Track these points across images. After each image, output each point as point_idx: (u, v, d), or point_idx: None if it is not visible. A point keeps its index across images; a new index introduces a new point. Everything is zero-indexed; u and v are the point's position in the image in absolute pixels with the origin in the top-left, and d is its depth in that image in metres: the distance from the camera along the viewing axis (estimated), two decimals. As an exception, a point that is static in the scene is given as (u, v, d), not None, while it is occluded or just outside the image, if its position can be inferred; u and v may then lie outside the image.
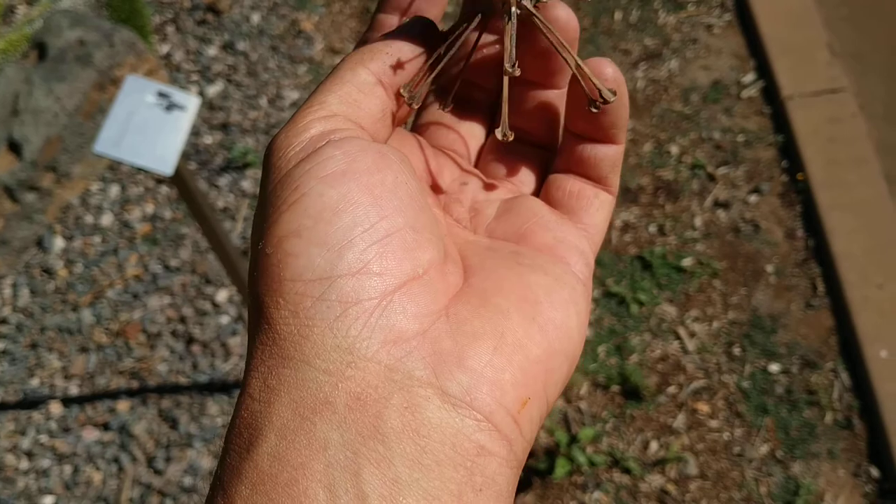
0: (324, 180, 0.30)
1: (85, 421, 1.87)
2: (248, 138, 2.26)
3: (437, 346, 0.29)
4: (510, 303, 0.31)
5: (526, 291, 0.32)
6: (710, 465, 1.72)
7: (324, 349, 0.28)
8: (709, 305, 1.91)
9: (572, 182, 0.38)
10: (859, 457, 1.71)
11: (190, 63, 2.44)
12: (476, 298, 0.31)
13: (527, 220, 0.36)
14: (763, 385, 1.80)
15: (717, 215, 2.04)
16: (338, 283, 0.28)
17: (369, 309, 0.28)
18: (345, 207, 0.29)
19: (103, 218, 2.15)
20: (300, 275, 0.28)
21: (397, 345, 0.28)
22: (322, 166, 0.30)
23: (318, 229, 0.29)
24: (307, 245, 0.29)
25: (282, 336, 0.28)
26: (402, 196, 0.31)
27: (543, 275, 0.33)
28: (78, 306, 2.02)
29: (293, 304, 0.28)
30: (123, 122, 1.31)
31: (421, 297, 0.29)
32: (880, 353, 1.77)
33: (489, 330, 0.30)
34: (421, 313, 0.29)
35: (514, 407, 0.29)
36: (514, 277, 0.32)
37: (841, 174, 2.03)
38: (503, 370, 0.29)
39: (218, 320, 1.97)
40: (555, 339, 0.31)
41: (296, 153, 0.31)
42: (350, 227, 0.29)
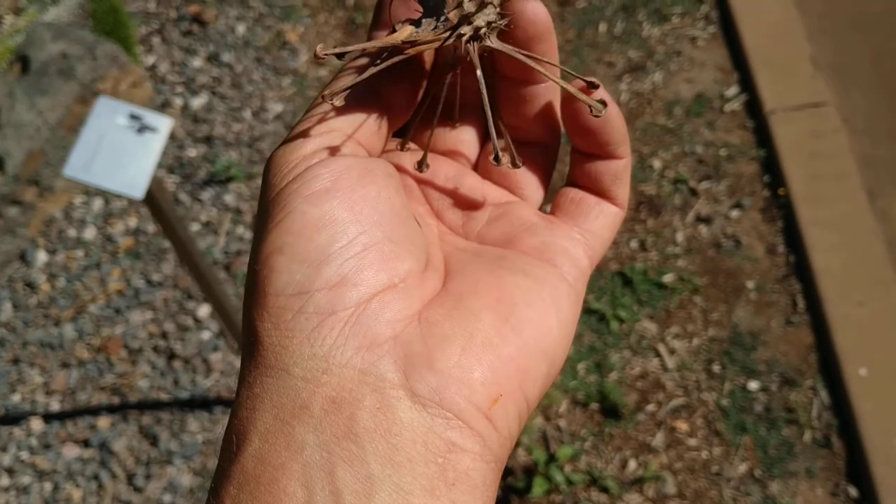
0: (307, 199, 0.31)
1: (65, 437, 1.86)
2: (232, 151, 2.25)
3: (407, 349, 0.30)
4: (483, 304, 0.32)
5: (502, 293, 0.33)
6: (689, 484, 1.71)
7: (301, 358, 0.29)
8: (689, 322, 1.91)
9: (575, 191, 0.39)
10: (838, 476, 1.71)
11: (175, 75, 2.44)
12: (450, 302, 0.32)
13: (516, 226, 0.37)
14: (742, 403, 1.80)
15: (699, 230, 2.04)
16: (315, 296, 0.30)
17: (344, 318, 0.30)
18: (325, 224, 0.31)
19: (86, 231, 2.15)
20: (282, 290, 0.30)
21: (370, 350, 0.30)
22: (307, 185, 0.32)
23: (299, 246, 0.31)
24: (288, 261, 0.31)
25: (265, 347, 0.30)
26: (383, 210, 0.32)
27: (523, 276, 0.34)
28: (60, 321, 2.02)
29: (275, 317, 0.30)
30: (94, 144, 1.30)
31: (395, 304, 0.31)
32: (860, 372, 1.77)
33: (458, 332, 0.31)
34: (394, 319, 0.31)
35: (485, 404, 0.30)
36: (492, 280, 0.34)
37: (822, 189, 2.03)
38: (471, 370, 0.30)
39: (199, 336, 1.97)
40: (530, 338, 0.32)
41: (289, 170, 0.33)
42: (329, 243, 0.31)
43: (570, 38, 2.41)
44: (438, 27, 0.35)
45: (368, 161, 0.34)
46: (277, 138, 2.27)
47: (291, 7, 2.54)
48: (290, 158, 0.33)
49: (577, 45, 2.40)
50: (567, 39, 2.41)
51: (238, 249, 2.09)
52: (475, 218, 0.38)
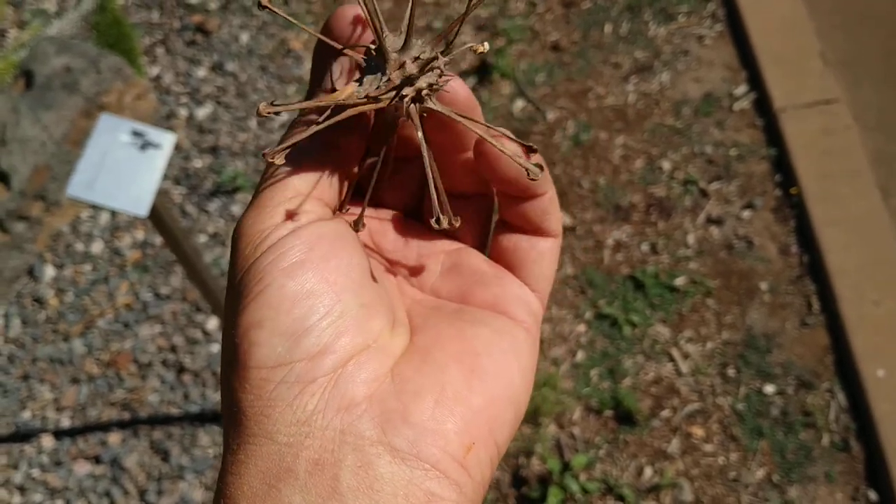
0: (284, 272, 0.32)
1: (76, 454, 1.86)
2: (238, 161, 2.24)
3: (383, 406, 0.31)
4: (449, 357, 0.34)
5: (465, 345, 0.35)
6: (706, 490, 1.69)
7: (284, 425, 0.30)
8: (702, 325, 1.89)
9: (508, 238, 0.40)
10: (857, 480, 1.68)
11: (179, 85, 2.43)
12: (418, 356, 0.34)
13: (468, 279, 0.39)
14: (758, 407, 1.77)
15: (710, 232, 2.02)
16: (296, 367, 0.31)
17: (323, 384, 0.31)
18: (302, 297, 0.32)
19: (93, 245, 2.14)
20: (263, 362, 0.31)
21: (349, 411, 0.31)
22: (282, 258, 0.33)
23: (278, 320, 0.32)
24: (269, 335, 0.31)
25: (247, 417, 0.31)
26: (354, 276, 0.33)
27: (483, 327, 0.36)
28: (69, 336, 2.01)
29: (257, 388, 0.31)
30: (97, 163, 1.29)
31: (369, 364, 0.32)
32: (877, 373, 1.74)
33: (430, 385, 0.32)
34: (369, 378, 0.32)
35: (460, 453, 0.31)
36: (455, 332, 0.35)
37: (835, 187, 2.00)
38: (445, 421, 0.32)
39: (209, 349, 1.96)
40: (495, 388, 0.34)
41: (261, 241, 0.33)
42: (307, 316, 0.32)
43: (576, 39, 2.39)
44: (381, 87, 0.35)
45: (336, 226, 0.35)
46: (283, 147, 2.26)
47: (295, 15, 2.53)
48: (260, 228, 0.34)
49: (582, 46, 2.38)
50: (573, 41, 2.39)
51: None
52: (428, 269, 0.40)
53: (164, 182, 2.20)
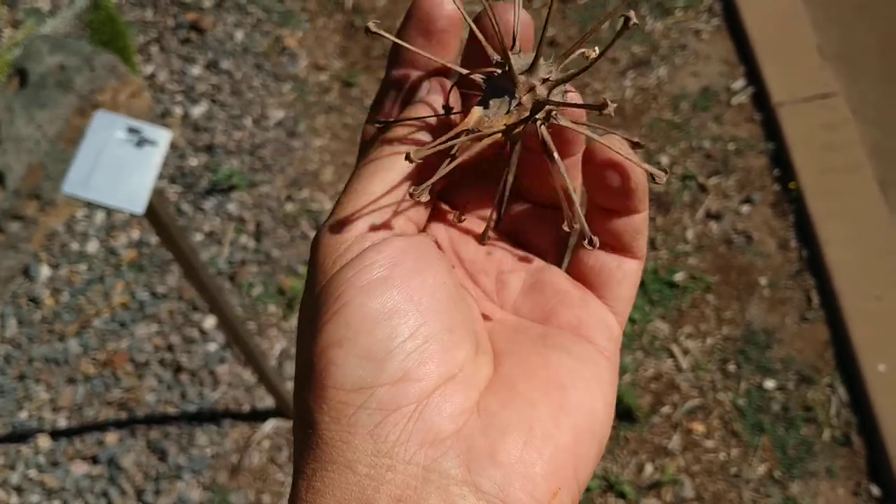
0: (364, 290, 0.31)
1: (73, 454, 1.84)
2: (234, 160, 2.23)
3: (469, 443, 0.30)
4: (537, 391, 0.32)
5: (552, 375, 0.33)
6: (707, 486, 1.68)
7: (365, 454, 0.29)
8: (702, 321, 1.88)
9: (594, 256, 0.38)
10: (859, 475, 1.68)
11: (174, 83, 2.42)
12: (505, 389, 0.32)
13: (551, 299, 0.37)
14: (759, 402, 1.77)
15: (709, 227, 2.01)
16: (378, 392, 0.30)
17: (407, 414, 0.30)
18: (385, 317, 0.31)
19: (89, 245, 2.12)
20: (342, 384, 0.30)
21: (434, 446, 0.29)
22: (363, 274, 0.31)
23: (359, 340, 0.30)
24: (347, 356, 0.30)
25: (325, 441, 0.30)
26: (440, 297, 0.32)
27: (568, 356, 0.34)
28: (65, 336, 2.00)
29: (335, 411, 0.30)
30: (93, 160, 1.28)
31: (455, 396, 0.31)
32: (878, 367, 1.74)
33: (518, 422, 0.31)
34: (455, 412, 0.30)
35: (546, 498, 0.30)
36: (540, 361, 0.34)
37: (834, 182, 1.99)
38: (534, 464, 0.30)
39: (206, 348, 1.95)
40: (582, 424, 0.32)
41: (340, 255, 0.32)
42: (390, 338, 0.30)
43: (573, 34, 2.38)
44: (511, 112, 0.34)
45: (421, 241, 0.34)
46: (279, 145, 2.25)
47: (290, 12, 2.52)
48: (340, 240, 0.33)
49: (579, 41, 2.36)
50: (569, 36, 2.38)
51: (242, 259, 2.06)
52: (509, 285, 0.38)
53: (160, 181, 2.19)
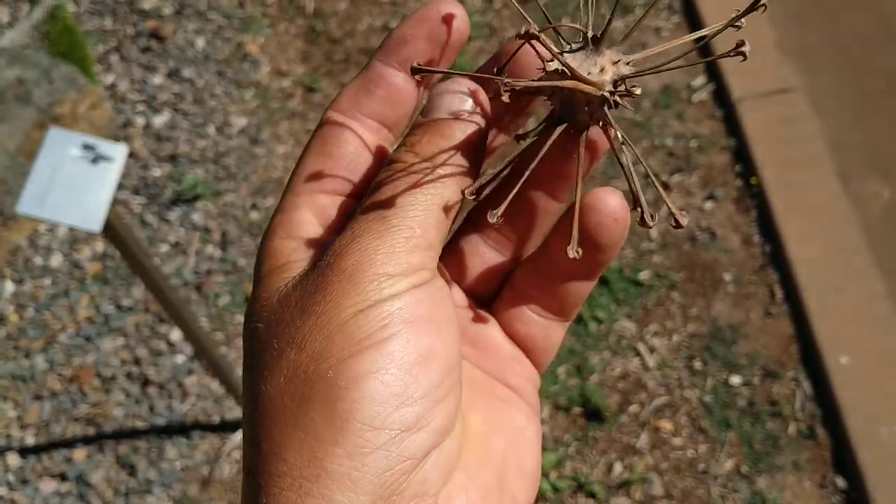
0: (411, 326, 0.30)
1: (42, 472, 1.83)
2: (198, 169, 2.21)
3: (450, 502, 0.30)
4: (504, 451, 0.33)
5: (512, 434, 0.34)
6: (676, 484, 1.70)
7: (369, 497, 0.28)
8: (668, 319, 1.89)
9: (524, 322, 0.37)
10: (824, 467, 1.69)
11: (135, 93, 2.40)
12: (478, 447, 0.33)
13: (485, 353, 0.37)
14: (725, 399, 1.78)
15: (673, 225, 2.02)
16: (401, 436, 0.29)
17: (413, 465, 0.29)
18: (426, 361, 0.30)
19: (53, 259, 2.10)
20: (371, 420, 0.28)
21: (423, 499, 0.29)
22: (412, 309, 0.30)
23: (401, 380, 0.29)
24: (389, 394, 0.29)
25: (330, 475, 0.28)
26: (456, 349, 0.32)
27: (518, 412, 0.36)
28: (30, 352, 1.98)
29: (353, 446, 0.28)
30: (47, 178, 1.27)
31: (447, 451, 0.31)
32: (841, 360, 1.76)
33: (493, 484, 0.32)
34: (445, 470, 0.30)
35: None
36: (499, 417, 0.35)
37: (795, 176, 2.01)
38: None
39: (173, 360, 1.93)
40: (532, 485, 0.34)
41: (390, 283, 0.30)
42: (428, 383, 0.30)
43: (534, 35, 2.38)
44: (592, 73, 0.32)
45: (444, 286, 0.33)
46: (243, 153, 2.24)
47: (250, 18, 2.50)
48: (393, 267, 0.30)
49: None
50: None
51: (208, 269, 2.05)
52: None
53: (123, 192, 2.17)
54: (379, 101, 0.34)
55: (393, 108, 0.34)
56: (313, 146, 0.34)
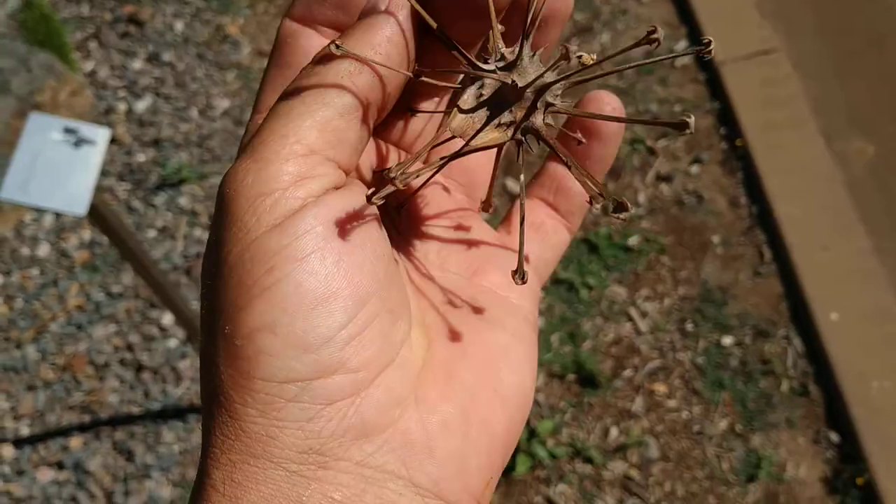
0: (302, 265, 0.27)
1: (38, 461, 1.82)
2: (182, 153, 2.20)
3: (406, 437, 0.28)
4: (473, 375, 0.31)
5: (487, 356, 0.32)
6: (672, 446, 1.71)
7: (295, 450, 0.27)
8: (658, 283, 1.90)
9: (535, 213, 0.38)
10: (818, 423, 1.71)
11: (116, 79, 2.38)
12: (442, 375, 0.31)
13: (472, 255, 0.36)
14: (717, 359, 1.79)
15: (660, 189, 2.02)
16: (313, 384, 0.27)
17: (342, 408, 0.27)
18: (324, 301, 0.27)
19: (40, 249, 2.09)
20: (274, 375, 0.27)
21: (369, 439, 0.28)
22: (298, 244, 0.27)
23: (295, 327, 0.27)
24: (284, 346, 0.27)
25: (248, 434, 0.27)
26: (380, 274, 0.29)
27: (502, 331, 0.33)
28: (21, 343, 1.97)
29: (263, 403, 0.27)
30: (29, 164, 1.26)
31: (393, 386, 0.29)
32: (831, 316, 1.77)
33: (456, 413, 0.30)
34: (392, 404, 0.29)
35: (479, 490, 0.30)
36: (476, 338, 0.33)
37: (779, 137, 2.01)
38: (469, 457, 0.30)
39: (166, 344, 1.93)
40: (514, 409, 0.32)
41: (266, 210, 0.27)
42: (329, 325, 0.27)
43: (515, 5, 2.37)
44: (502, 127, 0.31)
45: (356, 201, 0.29)
46: (227, 135, 2.22)
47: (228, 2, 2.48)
48: (264, 191, 0.28)
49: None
50: (511, 7, 2.37)
51: (197, 252, 2.04)
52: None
53: (108, 179, 2.16)
54: (331, 7, 0.31)
55: (346, 12, 0.32)
56: (272, 59, 0.32)
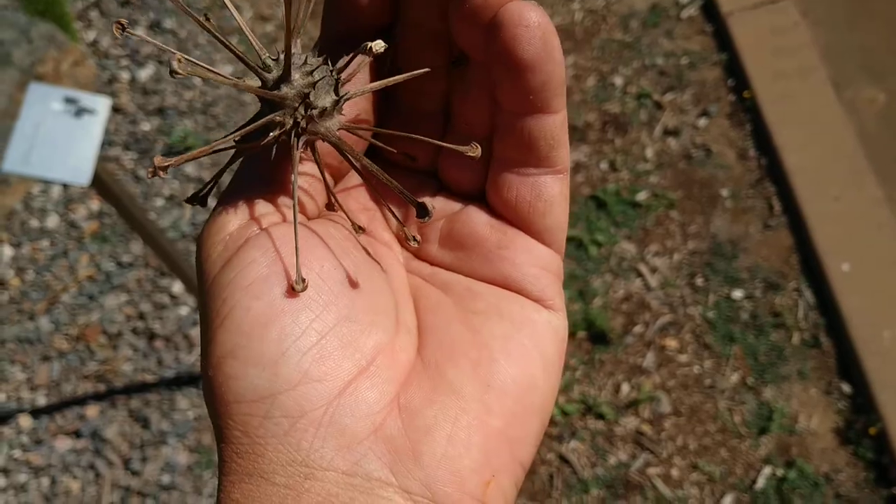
0: (248, 291, 0.29)
1: (56, 431, 1.84)
2: (186, 120, 2.19)
3: (391, 444, 0.28)
4: (463, 374, 0.30)
5: (480, 352, 0.31)
6: (683, 400, 1.71)
7: (279, 465, 0.27)
8: (668, 238, 1.89)
9: (508, 186, 0.33)
10: (829, 374, 1.70)
11: (118, 48, 2.36)
12: (428, 378, 0.30)
13: (469, 252, 0.34)
14: (728, 313, 1.78)
15: (668, 144, 2.00)
16: (279, 399, 0.28)
17: (317, 419, 0.28)
18: (273, 319, 0.28)
19: (49, 220, 2.10)
20: (242, 396, 0.28)
21: (351, 448, 0.28)
22: (244, 274, 0.29)
23: (251, 347, 0.28)
24: (243, 365, 0.28)
25: (238, 454, 0.28)
26: (333, 285, 0.30)
27: (498, 321, 0.32)
28: (34, 315, 1.98)
29: (241, 424, 0.28)
30: (31, 134, 1.26)
31: (369, 394, 0.29)
32: (842, 267, 1.75)
33: (442, 417, 0.29)
34: (371, 412, 0.29)
35: (479, 490, 0.29)
36: (468, 334, 0.31)
37: (787, 87, 1.99)
38: (460, 458, 0.29)
39: (177, 312, 1.94)
40: (516, 400, 0.30)
41: (219, 254, 0.30)
42: (281, 339, 0.28)
43: None
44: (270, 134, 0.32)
45: (306, 228, 0.31)
46: (231, 101, 2.22)
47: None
48: (217, 239, 0.31)
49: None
50: None
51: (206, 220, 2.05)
52: (429, 239, 0.35)
53: (114, 149, 2.16)
54: None
55: None
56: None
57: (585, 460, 1.66)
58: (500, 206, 0.34)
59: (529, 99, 0.31)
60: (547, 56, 0.30)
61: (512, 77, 0.31)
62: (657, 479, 1.64)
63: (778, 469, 1.63)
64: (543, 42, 0.30)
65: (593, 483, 1.64)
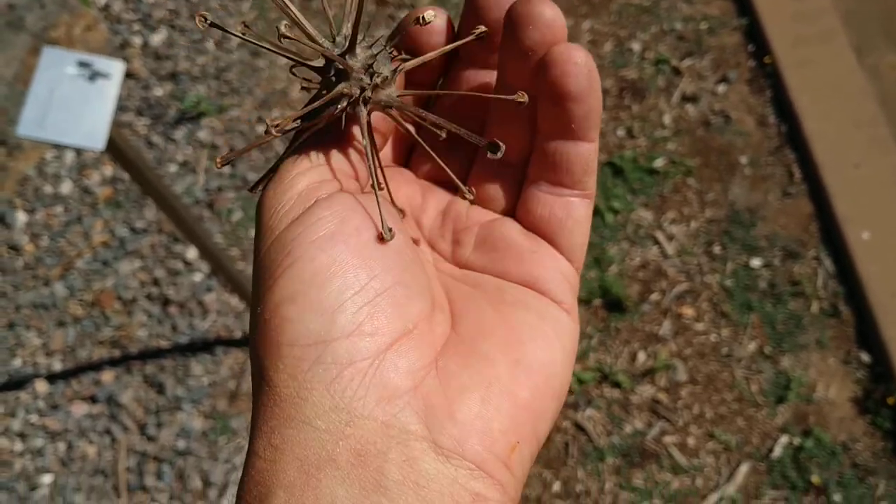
0: (314, 244, 0.31)
1: (72, 396, 1.85)
2: (199, 86, 2.18)
3: (427, 401, 0.30)
4: (496, 348, 0.33)
5: (510, 333, 0.33)
6: (700, 369, 1.70)
7: (323, 410, 0.29)
8: (685, 205, 1.87)
9: (541, 203, 0.37)
10: (848, 343, 1.69)
11: (130, 12, 2.34)
12: (463, 348, 0.33)
13: (503, 254, 0.37)
14: (746, 282, 1.77)
15: (686, 110, 1.98)
16: (332, 346, 0.30)
17: (363, 369, 0.30)
18: (335, 271, 0.31)
19: (63, 186, 2.09)
20: (296, 339, 0.30)
21: (391, 401, 0.30)
22: (312, 229, 0.32)
23: (311, 294, 0.30)
24: (301, 311, 0.30)
25: (282, 398, 0.30)
26: (390, 253, 0.32)
27: (526, 311, 0.35)
28: (49, 280, 1.98)
29: (291, 367, 0.30)
30: (45, 99, 1.24)
31: (411, 353, 0.31)
32: (862, 235, 1.74)
33: (476, 381, 0.31)
34: (412, 369, 0.31)
35: (505, 452, 0.31)
36: (499, 319, 0.34)
37: (808, 52, 1.96)
38: (491, 420, 0.31)
39: (191, 278, 1.94)
40: (541, 379, 0.33)
41: (286, 212, 0.33)
42: (341, 291, 0.30)
43: None
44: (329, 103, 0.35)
45: (369, 198, 0.34)
46: (244, 66, 2.20)
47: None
48: (285, 198, 0.33)
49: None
50: None
51: (219, 185, 2.04)
52: (462, 243, 0.38)
53: (127, 114, 2.15)
54: None
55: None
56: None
57: (601, 428, 1.66)
58: (532, 222, 0.38)
59: (571, 127, 0.35)
60: (590, 90, 0.34)
61: (558, 107, 0.35)
62: (673, 447, 1.64)
63: (795, 438, 1.63)
64: (589, 79, 0.34)
65: (609, 451, 1.63)
